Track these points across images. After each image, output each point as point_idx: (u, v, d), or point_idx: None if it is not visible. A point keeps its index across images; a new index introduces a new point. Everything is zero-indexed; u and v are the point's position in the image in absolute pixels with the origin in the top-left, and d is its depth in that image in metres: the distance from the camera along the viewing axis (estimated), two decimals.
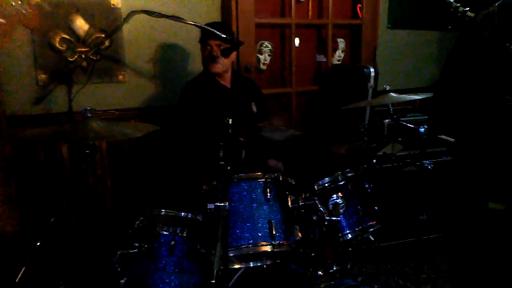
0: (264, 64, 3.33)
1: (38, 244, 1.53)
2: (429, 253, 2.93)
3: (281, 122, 2.63)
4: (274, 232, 1.74)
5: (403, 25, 3.80)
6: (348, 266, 2.36)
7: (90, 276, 2.08)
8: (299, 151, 2.64)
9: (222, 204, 1.54)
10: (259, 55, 3.31)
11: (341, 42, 3.59)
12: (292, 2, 3.28)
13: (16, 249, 2.47)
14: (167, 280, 1.92)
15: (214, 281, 1.28)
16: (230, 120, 1.69)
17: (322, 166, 2.47)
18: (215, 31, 2.36)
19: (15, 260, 2.09)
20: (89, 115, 1.78)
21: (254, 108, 2.78)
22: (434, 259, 2.94)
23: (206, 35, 2.54)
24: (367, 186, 2.10)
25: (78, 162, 1.89)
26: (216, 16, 3.17)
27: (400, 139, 2.36)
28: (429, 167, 2.20)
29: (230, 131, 1.67)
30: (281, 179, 1.87)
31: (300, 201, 1.86)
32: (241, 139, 1.75)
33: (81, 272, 2.04)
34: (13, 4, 1.30)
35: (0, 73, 2.53)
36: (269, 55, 3.33)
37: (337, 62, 3.59)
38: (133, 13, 2.36)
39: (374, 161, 2.39)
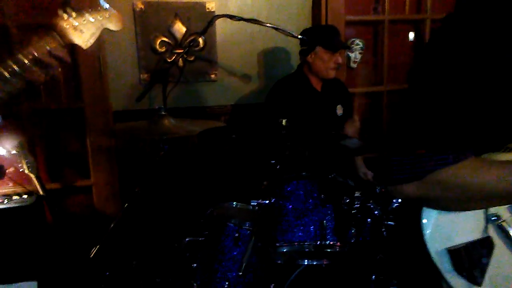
0: (354, 62, 3.30)
1: (112, 225, 1.76)
2: None
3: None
4: (325, 232, 1.77)
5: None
6: None
7: (162, 258, 2.30)
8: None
9: (264, 201, 1.61)
10: (349, 53, 3.28)
11: None
12: None
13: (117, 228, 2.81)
14: (232, 270, 2.04)
15: (240, 273, 1.37)
16: (284, 121, 1.75)
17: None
18: (292, 33, 2.43)
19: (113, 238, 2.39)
20: (162, 113, 1.97)
21: (340, 111, 2.79)
22: None
23: (339, 45, 2.64)
24: None
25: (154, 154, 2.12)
26: (307, 15, 3.22)
27: None
28: None
29: (283, 132, 1.73)
30: (338, 180, 1.88)
31: (355, 203, 1.86)
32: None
33: (153, 254, 2.28)
34: (99, 9, 1.46)
35: (106, 74, 2.88)
36: (360, 53, 3.29)
37: None
38: (216, 17, 2.53)
39: None
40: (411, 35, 3.45)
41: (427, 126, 1.27)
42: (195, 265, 2.11)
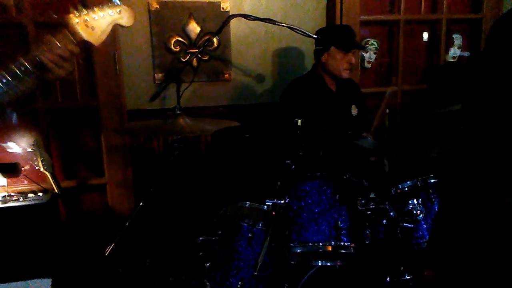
0: (368, 62, 3.28)
1: (127, 224, 1.77)
2: None
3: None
4: (339, 233, 1.76)
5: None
6: None
7: (175, 257, 2.31)
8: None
9: (279, 201, 1.61)
10: (363, 53, 3.26)
11: (457, 38, 3.35)
12: None
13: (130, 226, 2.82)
14: (244, 269, 2.04)
15: (256, 273, 1.37)
16: (300, 121, 1.74)
17: (413, 169, 2.37)
18: (308, 32, 2.42)
19: (127, 236, 2.40)
20: (178, 112, 1.98)
21: (354, 111, 2.78)
22: None
23: (352, 45, 2.62)
24: None
25: (169, 153, 2.12)
26: (321, 14, 3.21)
27: None
28: None
29: (299, 132, 1.72)
30: (352, 180, 1.87)
31: (370, 204, 1.84)
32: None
33: (167, 253, 2.28)
34: (110, 4, 1.46)
35: (121, 72, 2.90)
36: (374, 53, 3.26)
37: (452, 60, 3.37)
38: (231, 16, 2.52)
39: None
40: (426, 35, 3.42)
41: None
42: (208, 264, 2.12)
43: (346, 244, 1.77)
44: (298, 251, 1.82)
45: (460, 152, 1.31)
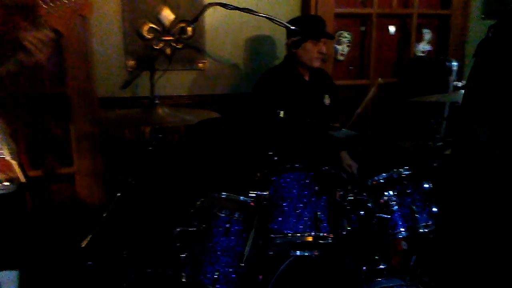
0: (341, 55, 3.32)
1: (104, 215, 1.73)
2: None
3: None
4: (319, 224, 1.78)
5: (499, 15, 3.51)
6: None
7: (152, 248, 2.28)
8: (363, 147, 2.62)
9: (263, 192, 1.61)
10: (337, 46, 3.29)
11: (427, 33, 3.44)
12: None
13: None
14: (221, 260, 2.03)
15: (243, 264, 1.37)
16: (282, 112, 1.74)
17: (387, 161, 2.43)
18: (286, 23, 2.42)
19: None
20: (156, 101, 1.94)
21: (327, 101, 2.81)
22: None
23: (321, 34, 2.62)
24: (426, 185, 2.04)
25: (145, 143, 2.08)
26: (296, 5, 3.21)
27: None
28: None
29: (280, 123, 1.72)
30: (331, 172, 1.89)
31: (349, 195, 1.87)
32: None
33: (143, 244, 2.25)
34: None
35: (92, 59, 2.81)
36: (347, 46, 3.30)
37: (421, 54, 3.45)
38: (209, 5, 2.48)
39: None
40: (392, 29, 3.48)
41: None
42: (184, 255, 2.10)
43: (324, 234, 1.79)
44: (278, 241, 1.83)
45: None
